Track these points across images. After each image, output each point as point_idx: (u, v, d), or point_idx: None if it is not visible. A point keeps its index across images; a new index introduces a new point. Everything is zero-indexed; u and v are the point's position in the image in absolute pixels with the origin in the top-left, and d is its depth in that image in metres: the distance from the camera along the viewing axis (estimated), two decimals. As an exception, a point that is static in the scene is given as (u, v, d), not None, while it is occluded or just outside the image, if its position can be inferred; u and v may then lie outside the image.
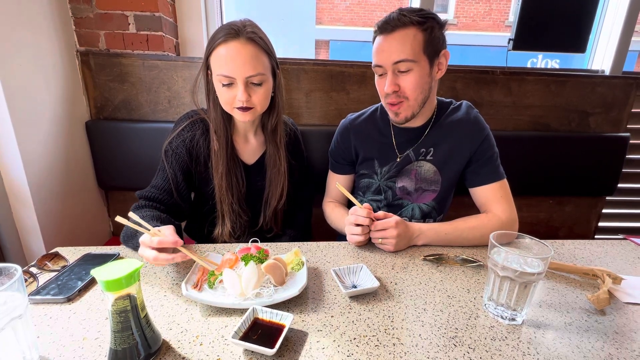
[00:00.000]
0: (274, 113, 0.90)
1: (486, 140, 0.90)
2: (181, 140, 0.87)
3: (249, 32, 0.77)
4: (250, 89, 0.80)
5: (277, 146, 0.93)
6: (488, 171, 0.90)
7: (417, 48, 0.79)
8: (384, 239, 0.78)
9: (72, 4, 1.22)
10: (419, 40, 0.78)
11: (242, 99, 0.78)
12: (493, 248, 0.58)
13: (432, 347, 0.51)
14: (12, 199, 1.07)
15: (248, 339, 0.49)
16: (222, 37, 0.76)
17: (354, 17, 8.13)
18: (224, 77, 0.78)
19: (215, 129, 0.87)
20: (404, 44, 0.78)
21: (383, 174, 0.97)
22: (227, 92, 0.79)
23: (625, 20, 1.44)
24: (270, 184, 0.95)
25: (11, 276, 0.43)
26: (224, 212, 0.90)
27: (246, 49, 0.77)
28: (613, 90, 1.44)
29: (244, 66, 0.76)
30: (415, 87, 0.82)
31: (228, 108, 0.83)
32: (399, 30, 0.78)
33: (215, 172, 0.88)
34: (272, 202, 0.95)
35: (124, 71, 1.29)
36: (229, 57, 0.76)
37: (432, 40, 0.80)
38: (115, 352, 0.45)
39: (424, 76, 0.82)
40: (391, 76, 0.81)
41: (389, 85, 0.82)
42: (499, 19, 7.98)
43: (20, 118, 1.03)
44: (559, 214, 1.60)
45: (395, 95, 0.83)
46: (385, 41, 0.80)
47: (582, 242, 0.88)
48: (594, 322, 0.58)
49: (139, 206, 0.82)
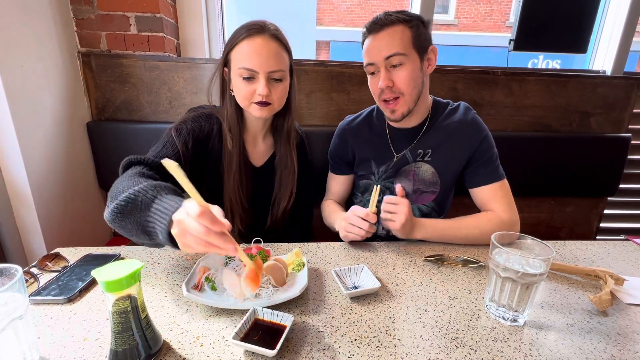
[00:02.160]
0: (288, 114, 0.91)
1: (485, 141, 0.90)
2: (198, 126, 0.84)
3: (272, 30, 0.80)
4: (271, 85, 0.80)
5: (289, 147, 0.93)
6: (487, 172, 0.90)
7: (407, 42, 0.81)
8: (393, 214, 0.79)
9: (74, 5, 1.23)
10: (407, 35, 0.81)
11: (263, 93, 0.78)
12: (495, 249, 0.58)
13: (433, 349, 0.51)
14: (14, 199, 1.08)
15: (249, 340, 0.49)
16: (246, 33, 0.77)
17: (355, 18, 8.14)
18: (246, 71, 0.78)
19: (229, 127, 0.86)
20: (393, 38, 0.80)
21: (380, 174, 0.97)
22: (247, 86, 0.79)
23: (627, 21, 1.44)
24: (281, 185, 0.94)
25: (12, 277, 0.43)
26: (234, 212, 0.89)
27: (270, 44, 0.78)
28: (614, 91, 1.44)
29: (267, 61, 0.77)
30: (409, 81, 0.83)
31: (245, 103, 0.82)
32: (387, 28, 0.81)
33: (228, 171, 0.87)
34: (281, 203, 0.95)
35: (125, 72, 1.29)
36: (254, 51, 0.77)
37: (419, 37, 0.83)
38: (115, 352, 0.45)
39: (416, 70, 0.83)
40: (384, 72, 0.83)
41: (383, 80, 0.83)
42: (499, 19, 7.97)
43: (22, 119, 1.03)
44: (560, 214, 1.60)
45: (389, 91, 0.84)
46: (375, 39, 0.83)
47: (584, 243, 0.88)
48: (596, 323, 0.58)
49: (142, 174, 0.66)
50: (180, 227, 0.48)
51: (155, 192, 0.55)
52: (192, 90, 1.33)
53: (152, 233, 0.54)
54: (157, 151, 0.78)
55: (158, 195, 0.55)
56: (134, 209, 0.55)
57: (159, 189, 0.56)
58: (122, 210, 0.55)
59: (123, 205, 0.55)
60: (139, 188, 0.56)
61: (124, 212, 0.55)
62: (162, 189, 0.57)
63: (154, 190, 0.56)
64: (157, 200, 0.54)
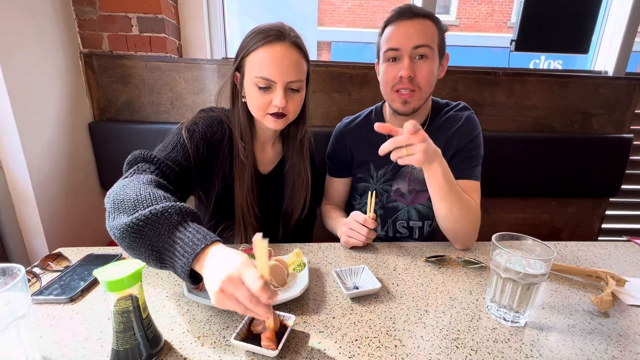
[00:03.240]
0: (302, 122, 0.87)
1: (474, 140, 0.89)
2: (211, 131, 0.80)
3: (293, 37, 0.75)
4: (288, 95, 0.76)
5: (302, 156, 0.90)
6: (466, 167, 0.87)
7: (435, 39, 0.81)
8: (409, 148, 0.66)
9: (76, 6, 1.23)
10: (434, 32, 0.81)
11: (280, 105, 0.74)
12: (495, 249, 0.58)
13: (434, 349, 0.51)
14: (16, 199, 1.08)
15: (250, 341, 0.49)
16: (265, 39, 0.73)
17: (356, 19, 8.15)
18: (263, 80, 0.73)
19: (240, 135, 0.82)
20: (425, 30, 0.80)
21: (379, 178, 0.96)
22: (263, 96, 0.75)
23: (629, 21, 1.43)
24: (293, 195, 0.91)
25: (14, 276, 0.44)
26: (245, 221, 0.86)
27: (291, 53, 0.74)
28: (616, 91, 1.43)
29: (287, 71, 0.73)
30: (429, 76, 0.82)
31: (260, 114, 0.78)
32: (420, 18, 0.80)
33: (240, 180, 0.83)
34: (294, 213, 0.92)
35: (127, 73, 1.30)
36: (274, 60, 0.72)
37: (442, 40, 0.83)
38: (117, 352, 0.45)
39: (435, 68, 0.83)
40: (408, 61, 0.79)
41: (407, 69, 0.79)
42: (501, 20, 7.96)
43: (24, 119, 1.04)
44: (562, 215, 1.59)
45: (409, 81, 0.80)
46: (405, 26, 0.80)
47: (585, 244, 0.88)
48: (598, 324, 0.58)
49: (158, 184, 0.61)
50: (227, 287, 0.42)
51: (180, 217, 0.50)
52: (194, 91, 1.33)
53: (167, 264, 0.49)
54: (167, 152, 0.73)
55: (183, 222, 0.49)
56: (152, 232, 0.48)
57: (184, 214, 0.50)
58: (137, 230, 0.48)
59: (140, 226, 0.47)
60: (162, 209, 0.49)
61: (139, 233, 0.48)
62: (187, 214, 0.51)
63: (179, 215, 0.50)
64: (181, 229, 0.48)
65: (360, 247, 0.82)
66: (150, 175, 0.63)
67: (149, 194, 0.53)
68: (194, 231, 0.48)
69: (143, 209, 0.49)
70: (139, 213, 0.48)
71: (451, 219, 0.79)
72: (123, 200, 0.53)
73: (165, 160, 0.69)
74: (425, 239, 0.99)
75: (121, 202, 0.53)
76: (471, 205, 0.81)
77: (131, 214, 0.49)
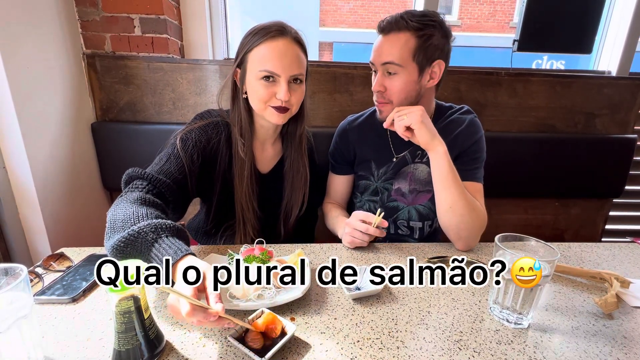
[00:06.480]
0: (300, 119, 0.89)
1: (476, 143, 0.90)
2: (206, 138, 0.82)
3: (293, 32, 0.79)
4: (291, 88, 0.78)
5: (301, 153, 0.91)
6: (468, 169, 0.88)
7: (406, 54, 0.80)
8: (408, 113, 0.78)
9: (79, 7, 1.24)
10: (410, 46, 0.79)
11: (285, 98, 0.76)
12: (498, 250, 0.58)
13: (437, 351, 0.51)
14: (19, 199, 1.09)
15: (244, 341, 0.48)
16: (267, 35, 0.75)
17: (358, 19, 8.15)
18: (267, 73, 0.75)
19: (240, 132, 0.83)
20: (393, 46, 0.80)
21: (380, 176, 0.97)
22: (267, 88, 0.77)
23: (632, 21, 1.43)
24: (292, 192, 0.92)
25: (17, 276, 0.44)
26: (245, 220, 0.87)
27: (293, 47, 0.77)
28: (620, 92, 1.42)
29: (291, 64, 0.76)
30: (399, 92, 0.83)
31: (262, 106, 0.79)
32: (392, 33, 0.81)
33: (239, 178, 0.84)
34: (294, 210, 0.93)
35: (129, 73, 1.30)
36: (277, 53, 0.75)
37: (427, 48, 0.80)
38: (119, 352, 0.45)
39: (410, 82, 0.82)
40: (380, 76, 0.84)
41: (376, 84, 0.85)
42: (503, 20, 7.94)
43: (27, 120, 1.04)
44: (565, 216, 1.59)
45: (380, 95, 0.86)
46: (380, 41, 0.83)
47: (589, 245, 0.87)
48: (602, 326, 0.57)
49: (144, 201, 0.65)
50: (170, 310, 0.46)
51: (155, 234, 0.55)
52: (196, 92, 1.33)
53: None
54: (161, 165, 0.76)
55: (158, 239, 0.54)
56: (134, 250, 0.55)
57: (160, 230, 0.56)
58: (121, 250, 0.55)
59: (122, 247, 0.54)
60: (139, 229, 0.55)
61: (124, 252, 0.55)
62: (163, 230, 0.56)
63: (154, 232, 0.55)
64: (157, 245, 0.54)
65: (362, 247, 0.82)
66: (139, 193, 0.67)
67: (133, 213, 0.59)
68: (167, 247, 0.53)
69: (126, 229, 0.55)
70: (120, 235, 0.55)
71: (456, 213, 0.79)
72: (114, 220, 0.59)
73: (156, 176, 0.72)
74: (426, 239, 0.99)
75: (113, 222, 0.59)
76: (476, 204, 0.82)
77: (120, 233, 0.55)
